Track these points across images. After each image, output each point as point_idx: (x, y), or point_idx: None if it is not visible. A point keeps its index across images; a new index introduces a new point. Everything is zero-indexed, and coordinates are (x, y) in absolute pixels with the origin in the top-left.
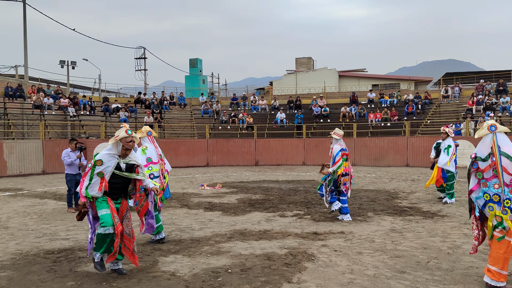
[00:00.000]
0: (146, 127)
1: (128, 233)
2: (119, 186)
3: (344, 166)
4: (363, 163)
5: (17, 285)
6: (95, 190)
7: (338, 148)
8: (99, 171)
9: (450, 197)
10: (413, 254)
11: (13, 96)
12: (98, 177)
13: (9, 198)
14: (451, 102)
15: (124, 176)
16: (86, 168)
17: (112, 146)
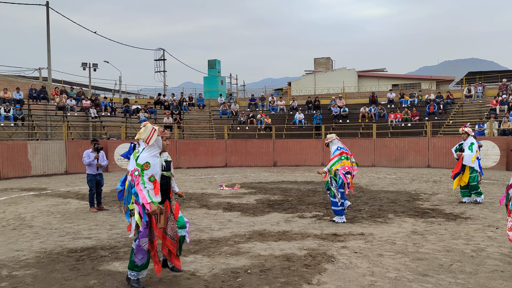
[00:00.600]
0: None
1: (172, 236)
2: (165, 188)
3: (344, 164)
4: (383, 164)
5: (42, 282)
6: (153, 196)
7: (335, 147)
8: (150, 176)
9: (479, 195)
10: (436, 257)
11: (37, 98)
12: (150, 181)
13: (33, 198)
14: (474, 102)
15: (166, 176)
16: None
17: (150, 147)
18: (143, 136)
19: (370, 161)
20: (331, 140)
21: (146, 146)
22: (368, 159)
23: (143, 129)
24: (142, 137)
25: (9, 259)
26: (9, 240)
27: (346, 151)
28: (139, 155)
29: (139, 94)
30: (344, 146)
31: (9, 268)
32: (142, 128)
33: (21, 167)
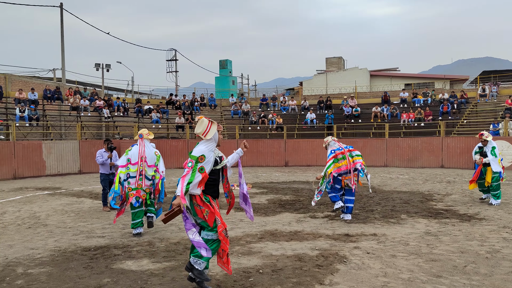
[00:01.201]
0: (141, 130)
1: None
2: (217, 183)
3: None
4: (396, 164)
5: (56, 280)
6: (196, 186)
7: (329, 151)
8: (200, 167)
9: (496, 198)
10: (450, 258)
11: (51, 98)
12: (200, 173)
13: (48, 197)
14: (488, 101)
15: (218, 171)
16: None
17: (207, 140)
18: (199, 130)
19: (383, 161)
20: (328, 143)
21: (203, 140)
22: (381, 159)
23: (198, 123)
24: (198, 131)
25: (24, 257)
26: (24, 238)
27: (342, 150)
28: (195, 148)
29: (151, 95)
30: (341, 146)
31: (24, 266)
32: (198, 122)
33: (36, 166)
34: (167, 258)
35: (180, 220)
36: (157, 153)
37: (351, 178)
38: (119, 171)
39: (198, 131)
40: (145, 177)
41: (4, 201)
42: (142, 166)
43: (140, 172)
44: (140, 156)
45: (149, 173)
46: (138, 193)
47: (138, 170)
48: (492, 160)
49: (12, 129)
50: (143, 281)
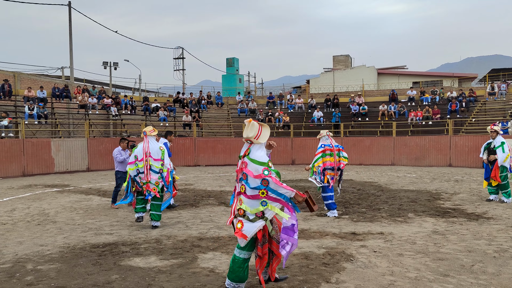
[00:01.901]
0: (146, 128)
1: (277, 239)
2: None
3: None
4: (403, 163)
5: (65, 276)
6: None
7: (319, 144)
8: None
9: (508, 196)
10: (457, 257)
11: (60, 96)
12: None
13: (56, 194)
14: (497, 100)
15: None
16: (269, 178)
17: (261, 145)
18: (251, 134)
19: (390, 159)
20: (321, 136)
21: (254, 144)
22: (388, 157)
23: (249, 127)
24: (250, 135)
25: (33, 254)
26: (34, 235)
27: (332, 147)
28: (257, 154)
29: (159, 93)
30: (331, 143)
31: (34, 262)
32: (248, 126)
33: (45, 164)
34: (174, 256)
35: (187, 217)
36: (161, 148)
37: (334, 175)
38: (128, 168)
39: (250, 135)
40: (151, 171)
41: (13, 198)
42: (147, 161)
43: (147, 167)
44: (145, 152)
45: (156, 167)
46: (148, 186)
47: (145, 166)
48: (500, 157)
49: (21, 127)
50: (151, 278)
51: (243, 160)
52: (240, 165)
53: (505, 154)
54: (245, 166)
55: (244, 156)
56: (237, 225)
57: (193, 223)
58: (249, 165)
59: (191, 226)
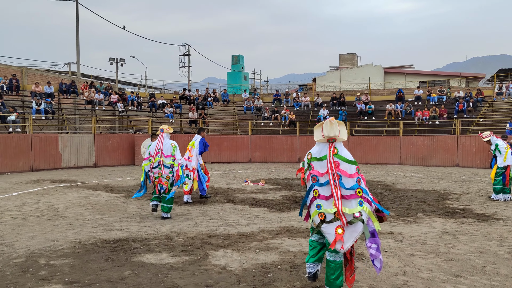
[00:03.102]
0: (163, 125)
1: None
2: None
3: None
4: (410, 162)
5: (79, 272)
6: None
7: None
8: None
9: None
10: (469, 258)
11: (67, 92)
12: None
13: (65, 189)
14: (505, 100)
15: None
16: (353, 176)
17: (341, 143)
18: (336, 132)
19: (396, 159)
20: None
21: (338, 143)
22: (394, 157)
23: (331, 125)
24: (336, 133)
25: (46, 248)
26: (45, 230)
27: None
28: (346, 152)
29: (164, 89)
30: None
31: (47, 257)
32: (328, 125)
33: (52, 159)
34: (185, 252)
35: (196, 214)
36: (173, 144)
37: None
38: (143, 163)
39: (336, 133)
40: (164, 166)
41: (22, 192)
42: (159, 157)
43: (159, 162)
44: (157, 149)
45: (167, 163)
46: (160, 180)
47: (157, 161)
48: (498, 157)
49: (29, 122)
50: (163, 274)
51: (333, 160)
52: (329, 166)
53: (503, 154)
54: (337, 166)
55: (332, 156)
56: (337, 231)
57: (202, 220)
58: (342, 164)
59: (200, 223)
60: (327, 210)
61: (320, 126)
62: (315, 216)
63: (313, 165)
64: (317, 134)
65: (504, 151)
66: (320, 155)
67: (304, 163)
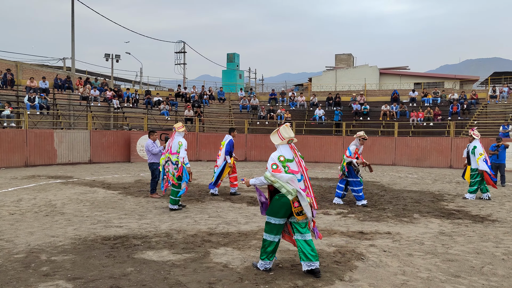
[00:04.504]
0: (176, 124)
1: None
2: None
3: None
4: (404, 163)
5: (81, 268)
6: None
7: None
8: None
9: (471, 193)
10: (466, 259)
11: (61, 87)
12: None
13: (61, 185)
14: (499, 103)
15: None
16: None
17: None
18: (293, 134)
19: (391, 159)
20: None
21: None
22: (389, 157)
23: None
24: (293, 135)
25: (46, 245)
26: (44, 226)
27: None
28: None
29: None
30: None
31: (48, 253)
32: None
33: (47, 155)
34: (186, 250)
35: (194, 212)
36: (180, 142)
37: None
38: (161, 158)
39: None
40: (171, 163)
41: (18, 188)
42: (168, 153)
43: (168, 158)
44: (168, 146)
45: (173, 159)
46: (168, 175)
47: (167, 157)
48: (472, 159)
49: (24, 117)
50: (166, 271)
51: (301, 159)
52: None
53: (476, 157)
54: (303, 163)
55: (298, 156)
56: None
57: (201, 218)
58: (303, 162)
59: (199, 221)
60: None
61: (277, 132)
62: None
63: (289, 165)
64: (276, 139)
65: (478, 156)
66: (290, 157)
67: (279, 164)
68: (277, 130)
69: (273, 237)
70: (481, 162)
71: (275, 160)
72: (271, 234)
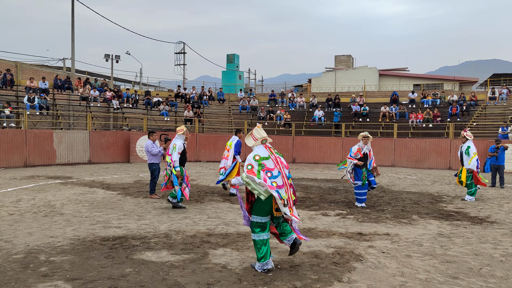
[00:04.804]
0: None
1: None
2: None
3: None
4: (403, 164)
5: (79, 268)
6: None
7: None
8: None
9: (472, 194)
10: (464, 260)
11: (61, 87)
12: None
13: (60, 186)
14: (498, 105)
15: None
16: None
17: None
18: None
19: (390, 161)
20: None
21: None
22: (388, 159)
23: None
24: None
25: (45, 245)
26: (43, 226)
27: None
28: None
29: (159, 87)
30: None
31: (46, 253)
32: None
33: (47, 155)
34: (185, 251)
35: (193, 213)
36: (174, 145)
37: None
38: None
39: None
40: (167, 164)
41: (17, 188)
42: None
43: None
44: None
45: (168, 160)
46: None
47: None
48: (465, 159)
49: (24, 117)
50: (165, 272)
51: (278, 156)
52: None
53: (469, 157)
54: (280, 160)
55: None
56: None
57: (200, 219)
58: (281, 158)
59: (198, 222)
60: (284, 196)
61: (250, 134)
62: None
63: (265, 163)
64: (250, 141)
65: (472, 156)
66: (265, 155)
67: (254, 164)
68: (251, 133)
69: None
70: (473, 162)
71: (250, 160)
72: (260, 233)
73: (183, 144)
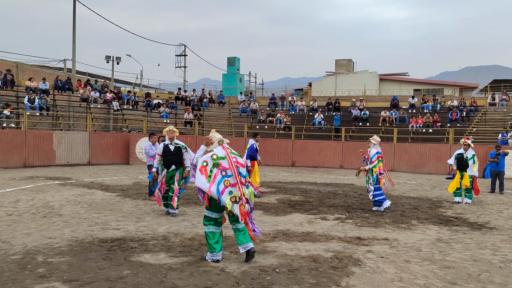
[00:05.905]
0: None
1: None
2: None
3: (380, 166)
4: (403, 169)
5: (77, 270)
6: None
7: (375, 151)
8: None
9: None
10: (463, 266)
11: (62, 88)
12: None
13: (59, 187)
14: (498, 110)
15: None
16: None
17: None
18: (221, 136)
19: (390, 165)
20: (376, 143)
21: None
22: (388, 163)
23: (214, 133)
24: (221, 136)
25: (43, 246)
26: (41, 227)
27: (382, 154)
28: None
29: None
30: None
31: (44, 254)
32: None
33: (46, 156)
34: (183, 253)
35: (192, 215)
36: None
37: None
38: None
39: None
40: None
41: (16, 189)
42: None
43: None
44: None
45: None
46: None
47: None
48: (470, 165)
49: (24, 118)
50: (162, 274)
51: (232, 156)
52: (230, 161)
53: (474, 164)
54: (236, 160)
55: (230, 154)
56: (240, 208)
57: (199, 221)
58: (238, 158)
59: (197, 225)
60: (236, 194)
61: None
62: (228, 200)
63: (221, 162)
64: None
65: (476, 162)
66: (222, 155)
67: (209, 162)
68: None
69: (210, 228)
70: (476, 168)
71: (207, 158)
72: (209, 226)
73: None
